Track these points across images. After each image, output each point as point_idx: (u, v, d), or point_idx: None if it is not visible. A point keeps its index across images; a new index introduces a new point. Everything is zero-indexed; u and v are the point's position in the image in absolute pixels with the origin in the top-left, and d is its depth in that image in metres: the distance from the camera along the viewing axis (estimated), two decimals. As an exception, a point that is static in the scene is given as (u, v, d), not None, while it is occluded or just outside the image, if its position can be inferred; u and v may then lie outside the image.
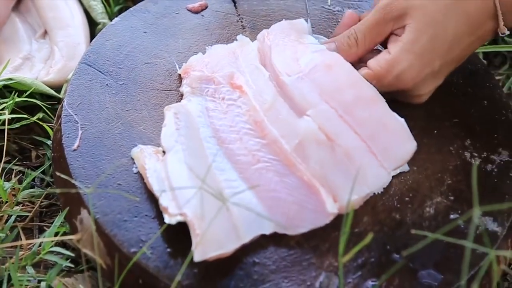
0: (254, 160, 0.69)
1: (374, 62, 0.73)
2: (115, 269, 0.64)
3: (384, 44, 0.75)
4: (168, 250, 0.64)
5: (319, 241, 0.66)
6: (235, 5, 0.89)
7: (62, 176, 0.69)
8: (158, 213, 0.67)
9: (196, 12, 0.87)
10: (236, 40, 0.82)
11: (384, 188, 0.70)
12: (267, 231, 0.65)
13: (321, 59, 0.74)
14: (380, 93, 0.72)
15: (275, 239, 0.65)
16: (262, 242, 0.65)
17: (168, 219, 0.63)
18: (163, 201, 0.65)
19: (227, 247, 0.62)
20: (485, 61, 0.97)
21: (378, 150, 0.69)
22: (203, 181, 0.62)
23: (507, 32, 0.73)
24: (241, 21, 0.87)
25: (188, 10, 0.87)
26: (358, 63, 0.75)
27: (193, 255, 0.61)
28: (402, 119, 0.71)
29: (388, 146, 0.70)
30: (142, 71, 0.80)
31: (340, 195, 0.67)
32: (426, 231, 0.65)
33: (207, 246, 0.61)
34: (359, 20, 0.77)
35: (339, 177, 0.67)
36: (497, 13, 0.71)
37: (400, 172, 0.72)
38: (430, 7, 0.71)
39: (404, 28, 0.72)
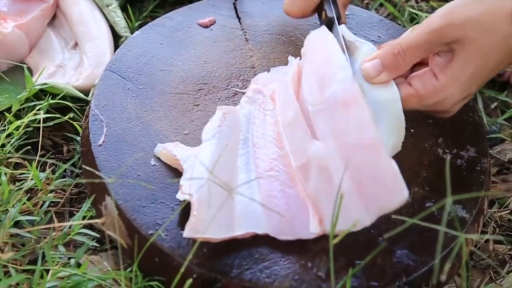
0: (269, 167, 0.67)
1: (420, 84, 0.65)
2: (134, 249, 0.63)
3: None
4: (181, 232, 0.62)
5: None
6: (239, 21, 0.87)
7: (89, 168, 0.67)
8: (172, 200, 0.66)
9: (206, 27, 0.86)
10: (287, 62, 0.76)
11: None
12: (260, 230, 0.63)
13: (341, 95, 0.64)
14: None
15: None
16: (262, 226, 0.64)
17: (178, 195, 0.62)
18: (182, 180, 0.63)
19: (217, 235, 0.60)
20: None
21: (367, 195, 0.61)
22: (211, 172, 0.61)
23: None
24: (245, 35, 0.85)
25: (199, 25, 0.86)
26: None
27: (184, 231, 0.60)
28: (397, 169, 0.61)
29: (378, 194, 0.61)
30: (158, 77, 0.78)
31: (325, 220, 0.62)
32: (405, 217, 0.64)
33: (199, 228, 0.59)
34: None
35: (328, 206, 0.61)
36: None
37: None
38: (482, 41, 0.63)
39: (452, 53, 0.64)
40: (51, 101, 0.79)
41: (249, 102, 0.73)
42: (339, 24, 0.73)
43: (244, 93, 0.76)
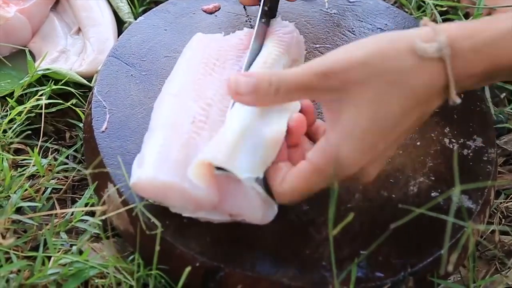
0: None
1: (311, 154, 0.55)
2: (137, 236, 0.62)
3: None
4: (184, 221, 0.62)
5: (315, 216, 0.64)
6: (244, 7, 0.85)
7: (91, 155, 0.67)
8: (175, 188, 0.65)
9: (210, 13, 0.84)
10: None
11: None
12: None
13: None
14: None
15: (277, 214, 0.62)
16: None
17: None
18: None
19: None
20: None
21: None
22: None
23: (459, 101, 0.55)
24: (250, 21, 0.84)
25: (203, 11, 0.84)
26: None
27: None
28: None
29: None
30: (162, 64, 0.77)
31: None
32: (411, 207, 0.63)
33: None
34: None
35: None
36: (448, 85, 0.53)
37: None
38: (371, 83, 0.52)
39: (340, 104, 0.53)
40: (54, 87, 0.79)
41: None
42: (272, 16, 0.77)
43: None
